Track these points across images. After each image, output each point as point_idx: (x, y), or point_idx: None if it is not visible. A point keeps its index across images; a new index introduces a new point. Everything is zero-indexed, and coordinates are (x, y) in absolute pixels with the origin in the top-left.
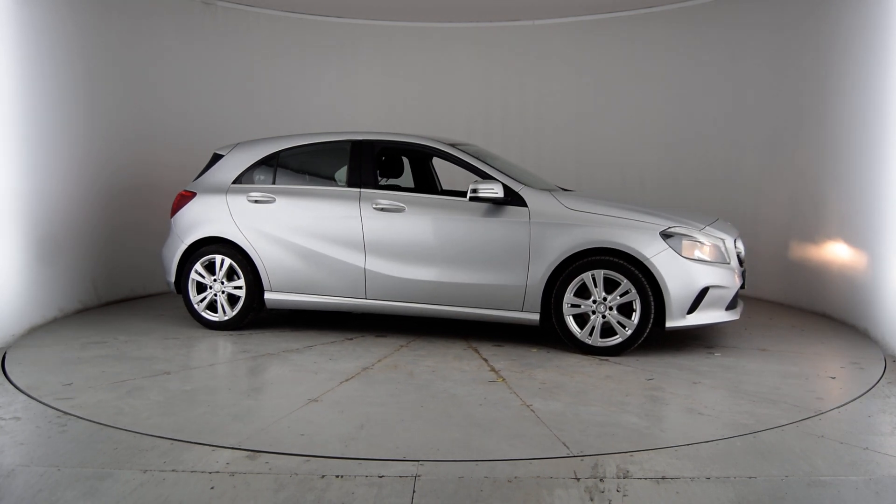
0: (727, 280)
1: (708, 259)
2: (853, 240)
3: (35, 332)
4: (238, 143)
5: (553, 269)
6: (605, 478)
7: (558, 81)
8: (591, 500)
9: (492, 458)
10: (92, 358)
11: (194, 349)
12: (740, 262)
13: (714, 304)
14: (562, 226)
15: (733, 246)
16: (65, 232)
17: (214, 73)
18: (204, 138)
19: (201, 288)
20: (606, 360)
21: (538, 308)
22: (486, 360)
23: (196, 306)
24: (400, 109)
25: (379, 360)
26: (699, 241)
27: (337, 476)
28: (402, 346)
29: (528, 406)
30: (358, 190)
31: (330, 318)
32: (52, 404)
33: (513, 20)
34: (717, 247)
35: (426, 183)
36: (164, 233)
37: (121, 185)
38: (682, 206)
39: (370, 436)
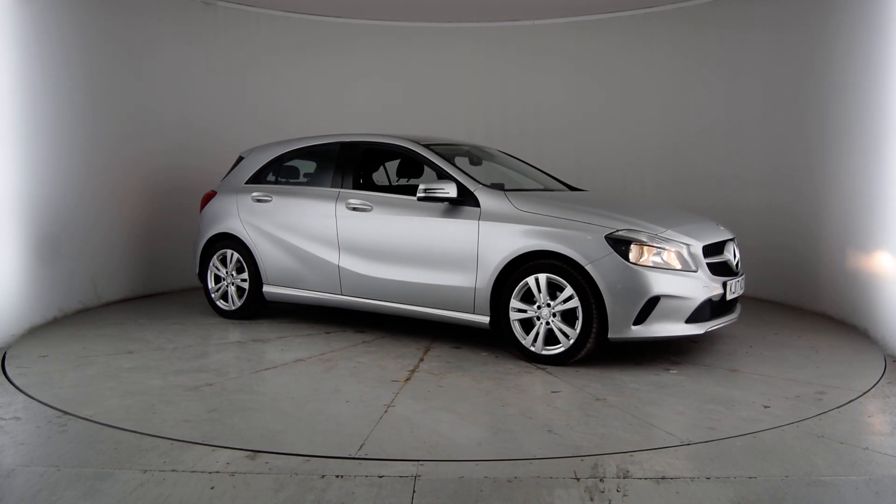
0: (688, 289)
1: (664, 265)
2: (853, 239)
3: (35, 332)
4: (256, 147)
5: (499, 271)
6: (605, 478)
7: (558, 81)
8: (591, 500)
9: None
10: (94, 335)
11: (182, 334)
12: (731, 269)
13: (669, 316)
14: (509, 227)
15: (701, 252)
16: (65, 232)
17: (214, 73)
18: (203, 138)
19: (218, 279)
20: (543, 368)
21: (488, 311)
22: (422, 360)
23: (212, 295)
24: (400, 109)
25: (322, 354)
26: (652, 246)
27: (337, 476)
28: (364, 342)
29: (389, 407)
30: (337, 190)
31: (336, 313)
32: (12, 378)
33: (513, 20)
34: (678, 253)
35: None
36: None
37: (120, 184)
38: (678, 206)
39: (208, 419)
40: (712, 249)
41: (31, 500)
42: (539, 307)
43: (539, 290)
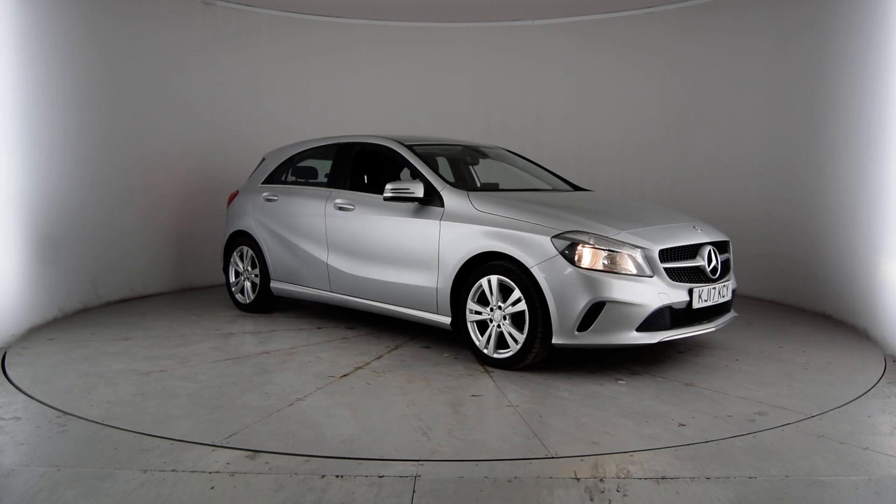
0: (638, 295)
1: (613, 269)
2: (853, 240)
3: (35, 332)
4: (276, 148)
5: (456, 272)
6: (605, 478)
7: (558, 81)
8: (591, 500)
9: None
10: (112, 322)
11: (189, 324)
12: (709, 274)
13: (617, 323)
14: (466, 228)
15: (657, 256)
16: (65, 232)
17: (214, 73)
18: (202, 138)
19: (238, 274)
20: (491, 372)
21: (449, 311)
22: (380, 357)
23: (232, 289)
24: (400, 109)
25: (293, 347)
26: (599, 249)
27: (337, 476)
28: (344, 338)
29: (298, 401)
30: (330, 190)
31: (342, 309)
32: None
33: (513, 20)
34: (631, 256)
35: (462, 180)
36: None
37: (120, 184)
38: (675, 205)
39: (127, 402)
40: (680, 253)
41: (31, 500)
42: (492, 309)
43: (491, 292)
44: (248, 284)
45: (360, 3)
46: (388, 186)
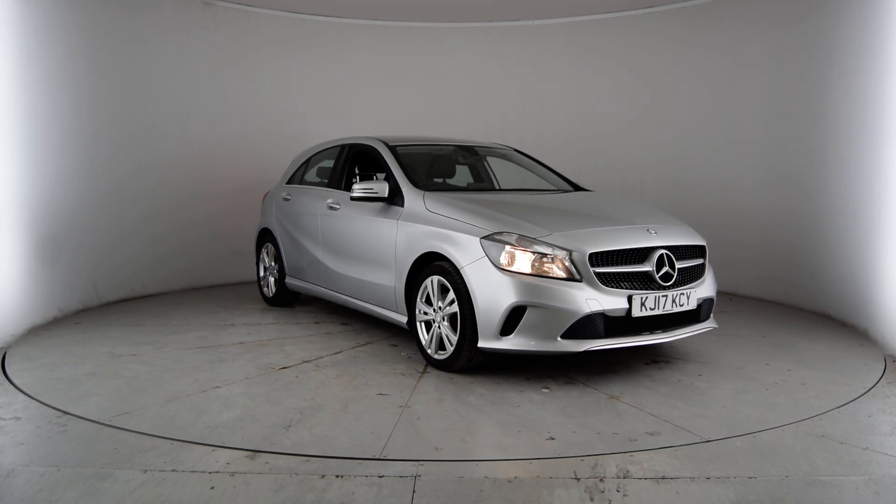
0: (562, 301)
1: (538, 273)
2: (853, 239)
3: (35, 332)
4: (303, 150)
5: (407, 271)
6: (605, 478)
7: (558, 81)
8: (591, 500)
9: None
10: (140, 310)
11: (207, 314)
12: (658, 280)
13: (540, 329)
14: (418, 228)
15: (587, 260)
16: (65, 232)
17: (214, 73)
18: (203, 138)
19: (265, 269)
20: (429, 372)
21: (405, 310)
22: (340, 352)
23: (260, 283)
24: (400, 109)
25: (270, 339)
26: (524, 250)
27: (337, 476)
28: (327, 333)
29: (213, 389)
30: (328, 189)
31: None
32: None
33: (513, 20)
34: (560, 260)
35: (480, 181)
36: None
37: (120, 184)
38: (672, 206)
39: (74, 381)
40: (621, 257)
41: (31, 500)
42: (435, 310)
43: (434, 293)
44: (271, 279)
45: (361, 3)
46: (354, 187)
